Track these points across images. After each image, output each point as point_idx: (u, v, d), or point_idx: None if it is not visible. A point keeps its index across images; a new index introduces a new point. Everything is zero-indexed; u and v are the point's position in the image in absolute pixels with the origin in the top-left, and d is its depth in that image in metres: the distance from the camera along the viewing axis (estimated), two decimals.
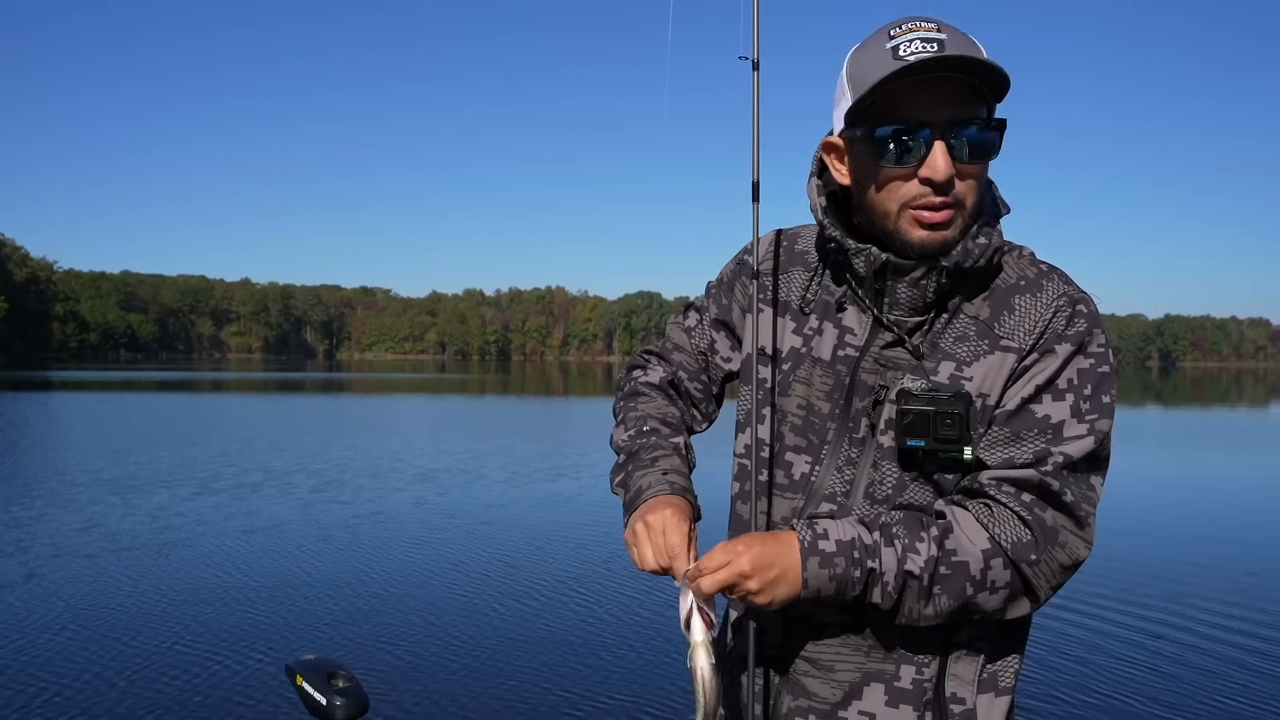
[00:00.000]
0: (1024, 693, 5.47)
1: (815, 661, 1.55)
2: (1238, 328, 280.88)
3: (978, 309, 1.51)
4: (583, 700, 5.50)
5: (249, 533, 10.27)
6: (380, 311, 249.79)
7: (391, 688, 5.62)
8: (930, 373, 1.49)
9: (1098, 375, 1.48)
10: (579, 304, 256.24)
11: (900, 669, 1.52)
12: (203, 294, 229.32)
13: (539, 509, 12.10)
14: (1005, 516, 1.43)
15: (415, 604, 7.53)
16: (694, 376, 1.76)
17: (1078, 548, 1.45)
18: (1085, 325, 1.49)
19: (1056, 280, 1.52)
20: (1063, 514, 1.44)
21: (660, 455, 1.63)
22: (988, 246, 1.49)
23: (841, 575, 1.41)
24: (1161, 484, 15.74)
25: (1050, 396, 1.46)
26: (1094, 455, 1.47)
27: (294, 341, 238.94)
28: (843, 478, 1.54)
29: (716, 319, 1.74)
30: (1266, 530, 11.51)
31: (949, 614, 1.44)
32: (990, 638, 1.53)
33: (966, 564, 1.41)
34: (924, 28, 1.42)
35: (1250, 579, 8.74)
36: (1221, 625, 7.16)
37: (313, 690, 2.05)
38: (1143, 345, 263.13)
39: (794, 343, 1.61)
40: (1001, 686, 1.55)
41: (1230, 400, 54.32)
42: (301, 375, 79.31)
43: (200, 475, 14.77)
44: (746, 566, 1.41)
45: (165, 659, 6.09)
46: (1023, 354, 1.47)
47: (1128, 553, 9.58)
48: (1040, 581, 1.45)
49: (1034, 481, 1.43)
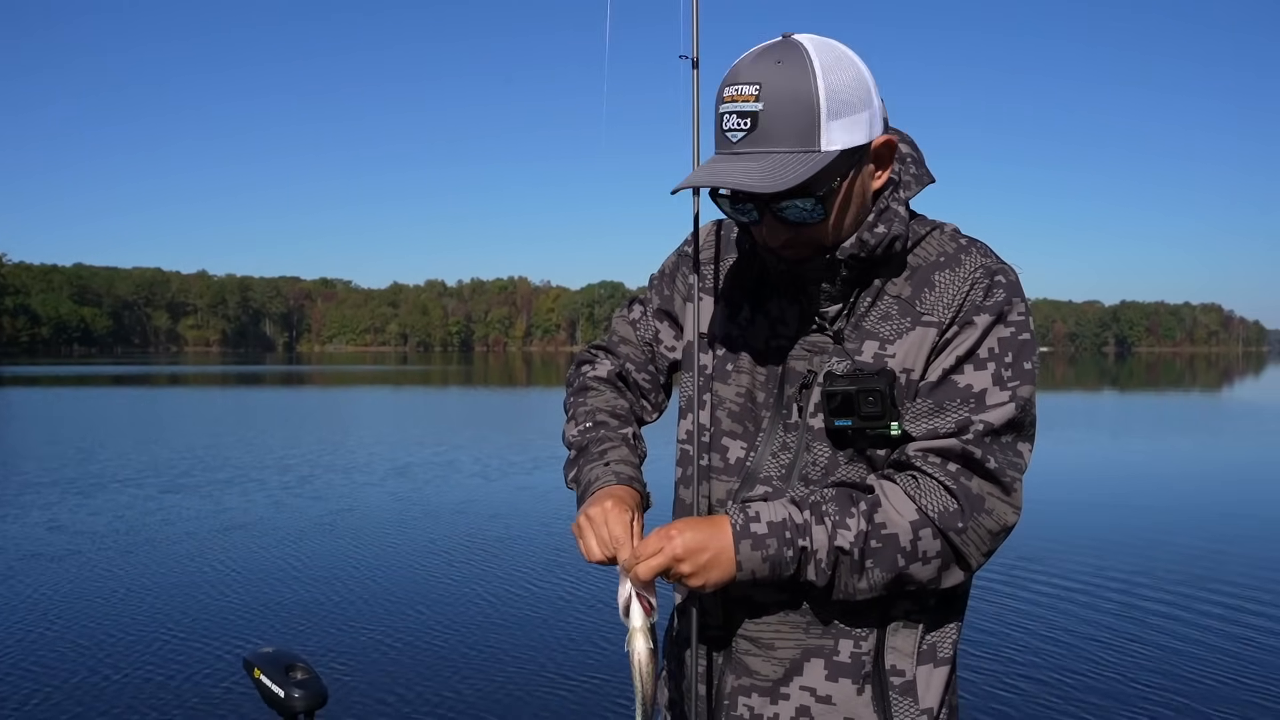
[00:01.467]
0: (965, 665, 5.55)
1: (756, 640, 1.58)
2: (1191, 314, 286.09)
3: (899, 288, 1.54)
4: (541, 689, 5.50)
5: (207, 527, 10.16)
6: (340, 303, 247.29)
7: (351, 679, 5.60)
8: (854, 353, 1.53)
9: (1018, 343, 1.50)
10: (542, 294, 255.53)
11: (839, 643, 1.54)
12: (158, 286, 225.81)
13: (499, 502, 12.05)
14: (931, 487, 1.46)
15: (374, 595, 7.50)
16: (641, 367, 1.80)
17: (1005, 513, 1.48)
18: (1004, 295, 1.51)
19: (975, 253, 1.54)
20: (988, 481, 1.47)
21: (608, 448, 1.66)
22: (885, 235, 1.51)
23: (774, 556, 1.44)
24: (1112, 464, 16.02)
25: (972, 366, 1.49)
26: (1017, 422, 1.49)
27: (253, 334, 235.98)
28: (778, 462, 1.58)
29: (659, 309, 1.78)
30: (1212, 509, 11.76)
31: (884, 586, 1.47)
32: (927, 610, 1.56)
33: (896, 536, 1.44)
34: (743, 96, 1.44)
35: (1196, 553, 8.92)
36: (1162, 599, 7.31)
37: (270, 683, 2.03)
38: (1099, 331, 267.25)
39: (732, 330, 1.65)
40: (940, 657, 1.58)
41: (1184, 385, 55.33)
42: (261, 368, 78.42)
43: (158, 471, 14.58)
44: (679, 550, 1.44)
45: (121, 655, 6.02)
46: (943, 327, 1.50)
47: (1078, 528, 9.75)
48: (970, 549, 1.47)
49: (957, 450, 1.46)
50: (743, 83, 1.45)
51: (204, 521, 10.47)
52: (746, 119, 1.44)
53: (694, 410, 1.64)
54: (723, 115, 1.47)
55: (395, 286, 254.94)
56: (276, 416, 27.05)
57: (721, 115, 1.47)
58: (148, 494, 12.35)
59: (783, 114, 1.43)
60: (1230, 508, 12.06)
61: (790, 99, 1.43)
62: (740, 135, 1.45)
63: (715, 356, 1.66)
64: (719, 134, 1.48)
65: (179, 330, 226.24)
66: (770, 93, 1.43)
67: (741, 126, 1.44)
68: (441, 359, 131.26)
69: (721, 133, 1.47)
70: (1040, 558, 8.53)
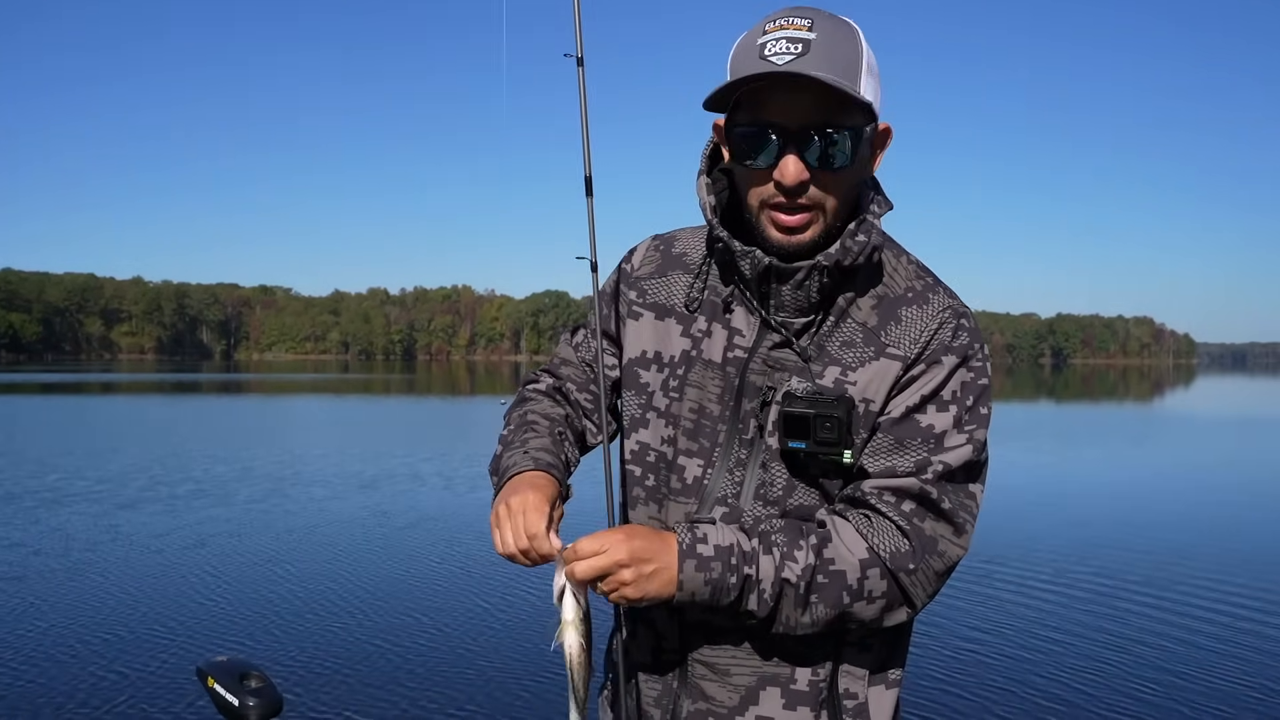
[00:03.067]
0: (908, 687, 5.61)
1: (712, 666, 1.56)
2: (1124, 326, 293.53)
3: (865, 316, 1.53)
4: (496, 694, 5.46)
5: (156, 536, 9.92)
6: (280, 311, 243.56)
7: (306, 687, 5.52)
8: (816, 376, 1.51)
9: (978, 388, 1.52)
10: (486, 303, 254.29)
11: (795, 672, 1.54)
12: (91, 292, 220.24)
13: (453, 509, 11.95)
14: (885, 527, 1.46)
15: (329, 603, 7.41)
16: (582, 387, 1.76)
17: (952, 553, 1.49)
18: (968, 339, 1.52)
19: (942, 294, 1.55)
20: (942, 522, 1.48)
21: (531, 437, 1.63)
22: (866, 244, 1.49)
23: (717, 580, 1.42)
24: (1052, 475, 16.32)
25: (935, 407, 1.49)
26: (972, 464, 1.51)
27: (189, 342, 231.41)
28: (733, 479, 1.54)
29: (603, 331, 1.72)
30: (1142, 517, 12.01)
31: (826, 623, 1.46)
32: (878, 633, 1.56)
33: (844, 573, 1.43)
34: (795, 25, 1.42)
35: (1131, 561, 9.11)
36: (1105, 608, 7.46)
37: (224, 692, 1.99)
38: (1035, 343, 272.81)
39: (683, 345, 1.60)
40: (891, 679, 1.59)
41: (1117, 395, 56.67)
42: (198, 376, 76.84)
43: (99, 481, 14.19)
44: (624, 556, 1.40)
45: (71, 666, 5.86)
46: (908, 362, 1.50)
47: (1012, 540, 9.90)
48: (917, 590, 1.48)
49: (914, 491, 1.46)
50: (794, 15, 1.44)
51: (152, 531, 10.21)
52: (798, 44, 1.41)
53: (637, 429, 1.62)
54: (765, 43, 1.42)
55: (337, 294, 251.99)
56: (217, 425, 26.53)
57: (763, 43, 1.42)
58: (91, 504, 12.00)
59: (834, 46, 1.42)
60: (1162, 516, 12.35)
61: (841, 37, 1.44)
62: (789, 59, 1.40)
63: (664, 372, 1.61)
64: (754, 60, 1.42)
65: (112, 337, 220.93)
66: (822, 27, 1.43)
67: (792, 50, 1.40)
68: (384, 367, 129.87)
69: (759, 59, 1.42)
70: (985, 567, 8.64)
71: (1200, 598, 7.84)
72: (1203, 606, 7.56)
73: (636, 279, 1.66)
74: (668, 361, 1.61)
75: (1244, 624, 7.09)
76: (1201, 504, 13.44)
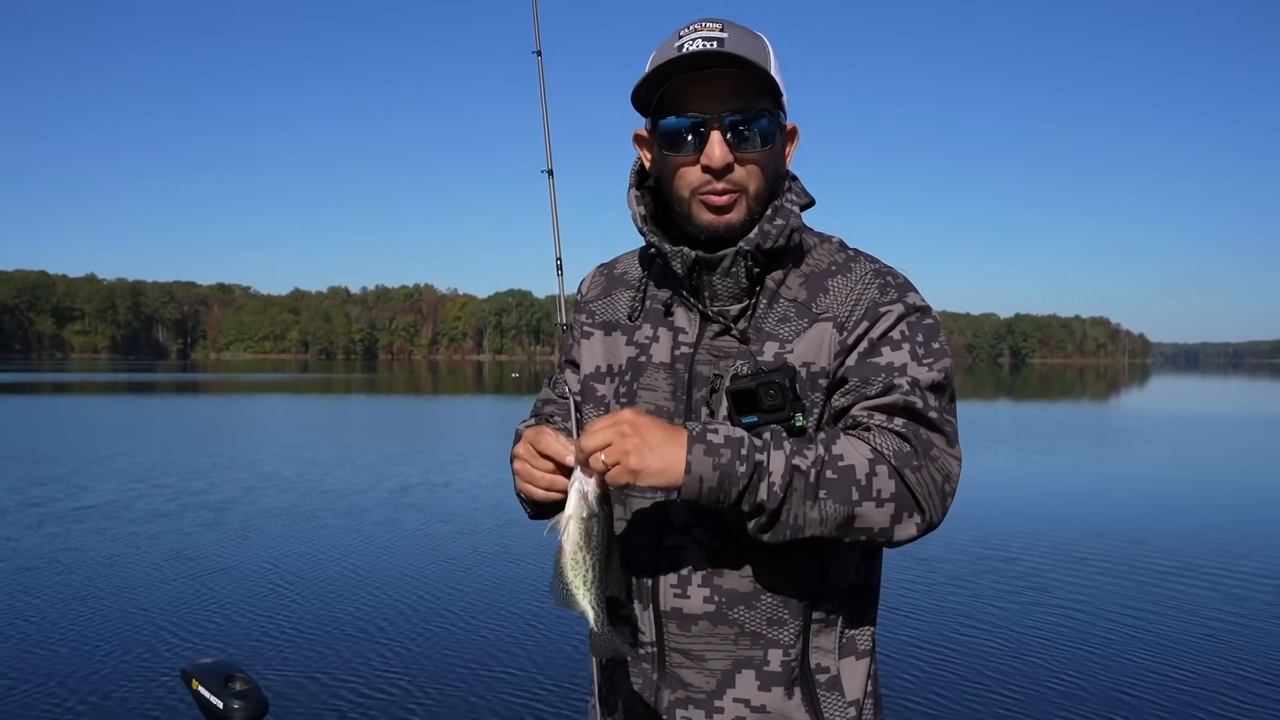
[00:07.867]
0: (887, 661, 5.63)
1: (687, 653, 1.60)
2: (1081, 326, 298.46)
3: (795, 292, 1.62)
4: (484, 696, 5.45)
5: (137, 538, 9.78)
6: (239, 309, 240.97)
7: (291, 689, 5.50)
8: (757, 354, 1.58)
9: (925, 326, 1.58)
10: (448, 302, 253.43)
11: (768, 653, 1.57)
12: (42, 290, 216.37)
13: (435, 509, 11.88)
14: (884, 434, 1.49)
15: (314, 604, 7.36)
16: (566, 418, 1.82)
17: (951, 463, 1.51)
18: (899, 291, 1.60)
19: (863, 260, 1.64)
20: (933, 431, 1.50)
21: (536, 418, 1.80)
22: (785, 227, 1.59)
23: (726, 466, 1.41)
24: (1012, 474, 16.49)
25: (888, 348, 1.55)
26: (942, 385, 1.55)
27: (145, 341, 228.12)
28: None
29: (567, 360, 1.83)
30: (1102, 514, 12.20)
31: (835, 525, 1.44)
32: (844, 606, 1.61)
33: (853, 468, 1.44)
34: (708, 28, 1.57)
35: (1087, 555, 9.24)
36: (1064, 601, 7.56)
37: (209, 694, 1.95)
38: (995, 343, 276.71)
39: (629, 353, 1.69)
40: (860, 650, 1.64)
41: (1075, 395, 57.55)
42: (154, 376, 75.72)
43: (69, 481, 13.94)
44: (629, 415, 1.43)
45: (53, 669, 5.78)
46: (840, 321, 1.57)
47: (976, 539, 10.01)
48: (924, 490, 1.46)
49: (900, 404, 1.50)
50: (706, 20, 1.58)
51: (133, 530, 10.05)
52: (713, 41, 1.54)
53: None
54: (681, 44, 1.56)
55: (297, 293, 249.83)
56: (184, 426, 26.19)
57: (680, 44, 1.56)
58: (69, 507, 11.77)
59: (745, 41, 1.56)
60: (1125, 509, 12.54)
61: (750, 38, 1.59)
62: (707, 47, 1.54)
63: (614, 382, 1.70)
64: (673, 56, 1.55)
65: (64, 336, 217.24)
66: (733, 28, 1.58)
67: (707, 45, 1.54)
68: (345, 367, 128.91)
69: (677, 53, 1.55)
70: (950, 562, 8.73)
71: (1155, 590, 7.97)
72: (1158, 595, 7.68)
73: (585, 303, 1.79)
74: (617, 371, 1.70)
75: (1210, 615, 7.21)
76: (1156, 498, 13.70)
